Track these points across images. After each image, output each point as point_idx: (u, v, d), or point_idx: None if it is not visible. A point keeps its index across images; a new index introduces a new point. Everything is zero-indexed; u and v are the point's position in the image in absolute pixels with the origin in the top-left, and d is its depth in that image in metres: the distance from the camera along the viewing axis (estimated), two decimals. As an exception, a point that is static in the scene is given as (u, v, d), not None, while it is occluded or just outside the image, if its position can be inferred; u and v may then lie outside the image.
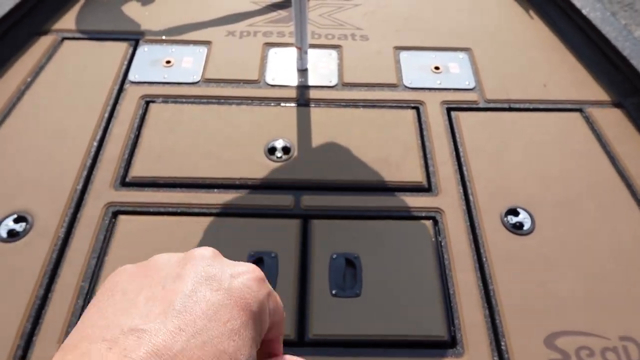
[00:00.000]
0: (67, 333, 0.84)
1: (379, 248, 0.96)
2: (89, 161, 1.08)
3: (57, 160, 1.08)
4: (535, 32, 1.47)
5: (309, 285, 0.91)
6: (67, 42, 1.38)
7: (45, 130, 1.14)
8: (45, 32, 1.40)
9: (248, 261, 0.92)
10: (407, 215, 1.01)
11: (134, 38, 1.40)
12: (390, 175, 1.07)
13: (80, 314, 0.80)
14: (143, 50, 1.36)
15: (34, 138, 1.12)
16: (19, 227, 0.97)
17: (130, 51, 1.36)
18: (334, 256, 0.94)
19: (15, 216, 0.98)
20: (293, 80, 1.30)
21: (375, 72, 1.32)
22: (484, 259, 0.94)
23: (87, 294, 0.89)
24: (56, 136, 1.13)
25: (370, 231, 0.98)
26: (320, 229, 0.99)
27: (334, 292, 0.89)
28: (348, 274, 0.93)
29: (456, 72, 1.32)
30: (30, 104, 1.20)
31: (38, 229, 0.96)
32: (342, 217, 1.01)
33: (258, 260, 0.93)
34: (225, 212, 1.01)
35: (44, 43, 1.37)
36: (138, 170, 1.07)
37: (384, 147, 1.13)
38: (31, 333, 0.84)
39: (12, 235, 0.95)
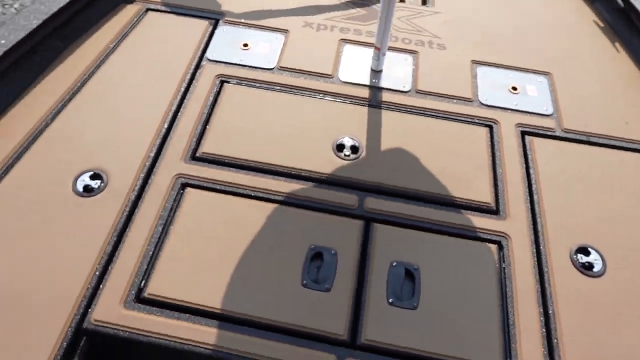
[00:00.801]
0: (129, 293, 0.86)
1: (440, 263, 0.94)
2: (163, 131, 1.11)
3: (133, 125, 1.11)
4: (619, 65, 1.41)
5: (366, 288, 0.90)
6: (150, 13, 1.41)
7: (124, 96, 1.17)
8: (131, 1, 1.43)
9: (308, 254, 0.93)
10: (471, 234, 1.00)
11: (215, 17, 1.42)
12: (458, 191, 1.06)
13: (145, 277, 0.85)
14: (222, 30, 1.38)
15: (113, 102, 1.15)
16: (94, 184, 0.99)
17: (210, 29, 1.38)
18: (394, 264, 0.93)
19: (91, 173, 1.01)
20: (366, 79, 1.29)
21: (450, 84, 1.30)
22: (549, 296, 0.91)
23: (151, 258, 0.91)
24: (134, 103, 1.16)
25: (433, 244, 0.97)
26: (382, 233, 0.98)
27: (390, 300, 0.89)
28: (406, 284, 0.92)
29: (534, 96, 1.29)
30: (112, 69, 1.23)
31: (111, 189, 0.99)
32: (405, 226, 1.00)
33: (317, 255, 0.93)
34: (289, 201, 1.02)
35: (129, 12, 1.40)
36: (208, 146, 1.08)
37: (454, 162, 1.11)
38: (96, 287, 0.87)
39: (87, 190, 0.98)
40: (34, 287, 0.85)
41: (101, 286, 0.87)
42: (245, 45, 1.33)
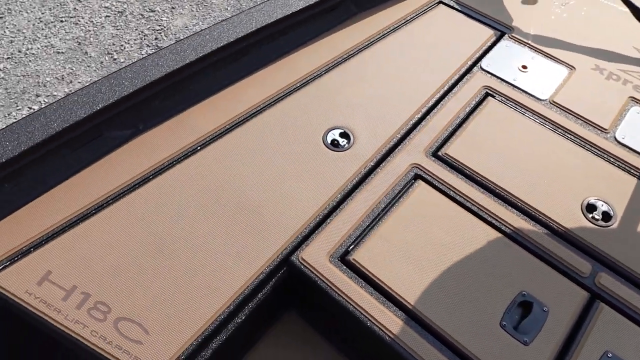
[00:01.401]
0: (337, 250, 0.91)
1: None
2: (416, 118, 1.13)
3: (391, 102, 1.15)
4: None
5: None
6: (442, 6, 1.43)
7: (392, 73, 1.22)
8: None
9: (514, 302, 0.86)
10: None
11: (501, 30, 1.38)
12: None
13: (354, 243, 0.89)
14: (505, 44, 1.33)
15: (381, 76, 1.21)
16: (342, 141, 1.07)
17: (492, 40, 1.34)
18: (609, 355, 0.81)
19: (342, 131, 1.09)
20: None
21: None
22: None
23: (365, 228, 0.94)
24: (398, 83, 1.20)
25: None
26: (606, 317, 0.85)
27: None
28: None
29: None
30: (388, 46, 1.30)
31: (354, 151, 1.05)
32: (637, 322, 0.85)
33: (526, 304, 0.86)
34: (515, 236, 0.95)
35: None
36: (453, 150, 1.07)
37: None
38: (312, 231, 0.94)
39: (334, 144, 1.06)
40: (270, 207, 0.96)
41: (316, 232, 0.94)
42: (524, 67, 1.27)
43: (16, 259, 0.86)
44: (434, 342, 0.81)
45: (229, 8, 3.48)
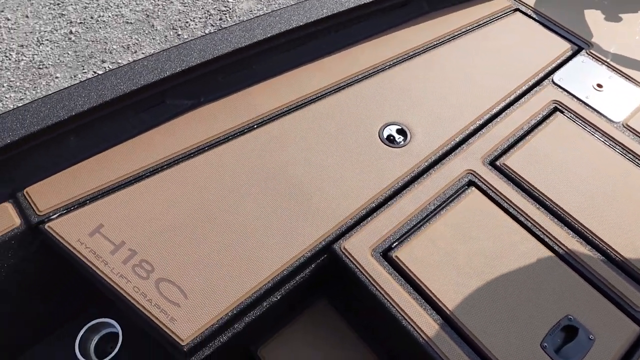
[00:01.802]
0: (380, 245, 0.90)
1: None
2: (477, 124, 1.09)
3: (453, 104, 1.12)
4: None
5: None
6: (518, 14, 1.38)
7: (458, 75, 1.19)
8: None
9: (558, 324, 0.82)
10: None
11: (579, 44, 1.32)
12: None
13: (399, 241, 0.86)
14: (582, 60, 1.27)
15: (448, 75, 1.19)
16: (398, 137, 1.05)
17: (568, 54, 1.29)
18: None
19: (399, 127, 1.07)
20: None
21: None
22: None
23: (412, 227, 0.92)
24: (465, 83, 1.17)
25: None
26: None
27: None
28: None
29: None
30: (457, 49, 1.26)
31: (409, 149, 1.03)
32: None
33: (571, 329, 0.82)
34: (567, 258, 0.90)
35: (498, 4, 1.40)
36: (512, 161, 1.03)
37: None
38: (358, 222, 0.93)
39: (389, 140, 1.05)
40: (319, 193, 0.95)
41: (362, 224, 0.93)
42: (599, 85, 1.21)
43: (72, 208, 0.89)
44: (469, 353, 0.79)
45: (294, -3, 3.50)
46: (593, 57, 1.28)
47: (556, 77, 1.22)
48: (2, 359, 0.98)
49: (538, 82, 1.20)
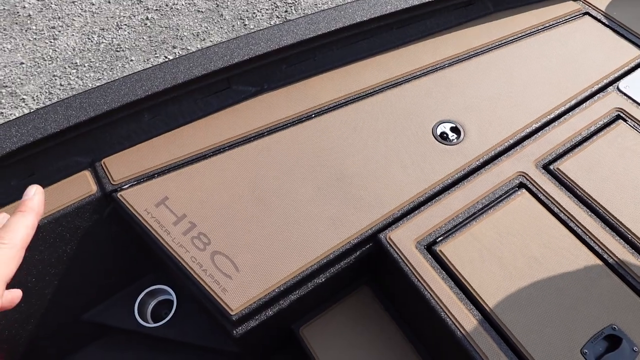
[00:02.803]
0: (425, 238, 0.92)
1: None
2: (534, 127, 1.09)
3: (512, 105, 1.12)
4: None
5: None
6: (587, 18, 1.34)
7: (518, 77, 1.18)
8: None
9: (601, 332, 0.81)
10: None
11: None
12: None
13: (444, 235, 0.89)
14: (654, 69, 1.22)
15: (507, 77, 1.18)
16: (451, 135, 1.06)
17: (637, 61, 1.24)
18: None
19: (453, 126, 1.08)
20: None
21: None
22: None
23: (458, 224, 0.94)
24: (524, 86, 1.16)
25: None
26: None
27: None
28: None
29: None
30: (520, 50, 1.25)
31: (462, 147, 1.04)
32: None
33: (615, 338, 0.81)
34: (618, 269, 0.89)
35: (568, 7, 1.37)
36: (567, 167, 1.02)
37: None
38: (405, 214, 0.96)
39: (443, 137, 1.06)
40: (370, 183, 0.99)
41: (408, 216, 0.95)
42: None
43: (142, 180, 0.98)
44: (506, 351, 0.80)
45: (360, -9, 3.52)
46: None
47: (622, 84, 1.18)
48: (67, 316, 1.09)
49: (602, 89, 1.17)
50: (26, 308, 0.99)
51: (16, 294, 0.58)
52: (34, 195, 0.60)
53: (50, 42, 3.15)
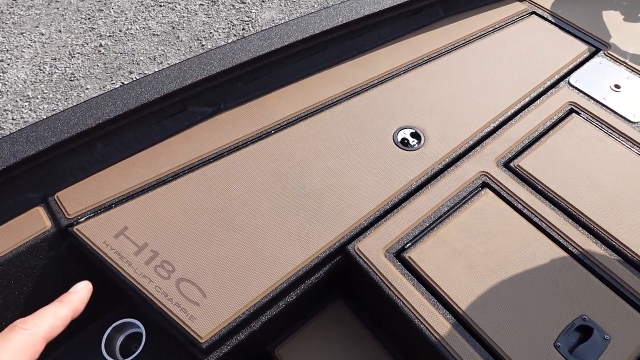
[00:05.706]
0: (393, 246, 0.91)
1: None
2: (492, 127, 1.10)
3: (468, 107, 1.14)
4: None
5: None
6: (534, 17, 1.39)
7: (472, 79, 1.20)
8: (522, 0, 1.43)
9: (572, 324, 0.82)
10: None
11: (596, 46, 1.31)
12: None
13: (412, 242, 0.88)
14: (599, 61, 1.27)
15: (462, 79, 1.20)
16: (412, 141, 1.07)
17: (585, 56, 1.28)
18: None
19: (413, 131, 1.09)
20: None
21: None
22: None
23: (425, 229, 0.94)
24: (479, 87, 1.18)
25: None
26: None
27: None
28: None
29: None
30: (472, 52, 1.27)
31: (423, 152, 1.05)
32: None
33: (586, 329, 0.81)
34: (584, 260, 0.90)
35: (514, 8, 1.40)
36: (526, 163, 1.04)
37: None
38: (372, 224, 0.95)
39: (404, 143, 1.06)
40: (333, 196, 0.98)
41: (375, 226, 0.95)
42: (617, 86, 1.20)
43: (99, 211, 0.94)
44: (481, 352, 0.80)
45: (315, 5, 3.56)
46: (611, 58, 1.27)
47: (572, 78, 1.21)
48: None
49: (554, 84, 1.20)
50: None
51: None
52: (80, 290, 0.56)
53: None
